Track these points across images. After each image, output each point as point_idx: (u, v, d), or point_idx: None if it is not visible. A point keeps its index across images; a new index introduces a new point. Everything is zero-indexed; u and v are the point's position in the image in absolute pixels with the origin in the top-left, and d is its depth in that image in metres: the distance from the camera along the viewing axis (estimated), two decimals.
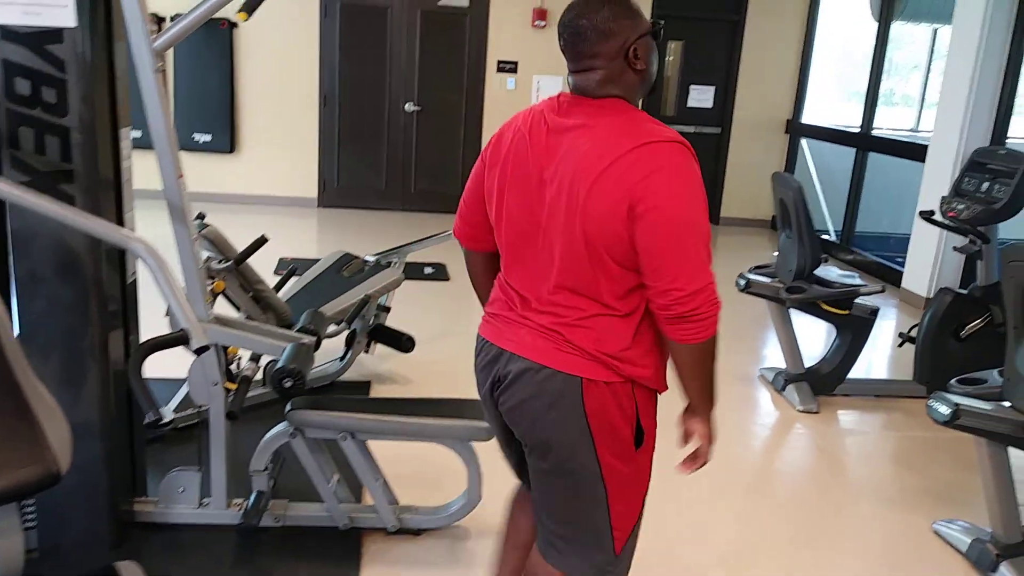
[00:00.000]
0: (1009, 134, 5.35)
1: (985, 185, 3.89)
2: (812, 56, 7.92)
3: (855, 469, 3.54)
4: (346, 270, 3.71)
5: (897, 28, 8.24)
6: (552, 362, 1.61)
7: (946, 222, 3.95)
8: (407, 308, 4.82)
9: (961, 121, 5.31)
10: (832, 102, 9.46)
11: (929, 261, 5.60)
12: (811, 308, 3.83)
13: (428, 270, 5.82)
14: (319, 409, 2.61)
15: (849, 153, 7.00)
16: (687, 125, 8.06)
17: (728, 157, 8.10)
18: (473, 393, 1.92)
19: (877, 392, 4.19)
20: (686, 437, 1.74)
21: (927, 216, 4.06)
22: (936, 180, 5.42)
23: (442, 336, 4.61)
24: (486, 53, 7.59)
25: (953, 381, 2.73)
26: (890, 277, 6.23)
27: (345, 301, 3.53)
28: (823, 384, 3.99)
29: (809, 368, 3.99)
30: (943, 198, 4.00)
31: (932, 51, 8.65)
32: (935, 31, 8.39)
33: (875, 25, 6.82)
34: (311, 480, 2.62)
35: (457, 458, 2.63)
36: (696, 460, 1.71)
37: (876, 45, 6.72)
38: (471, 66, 7.62)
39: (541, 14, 7.47)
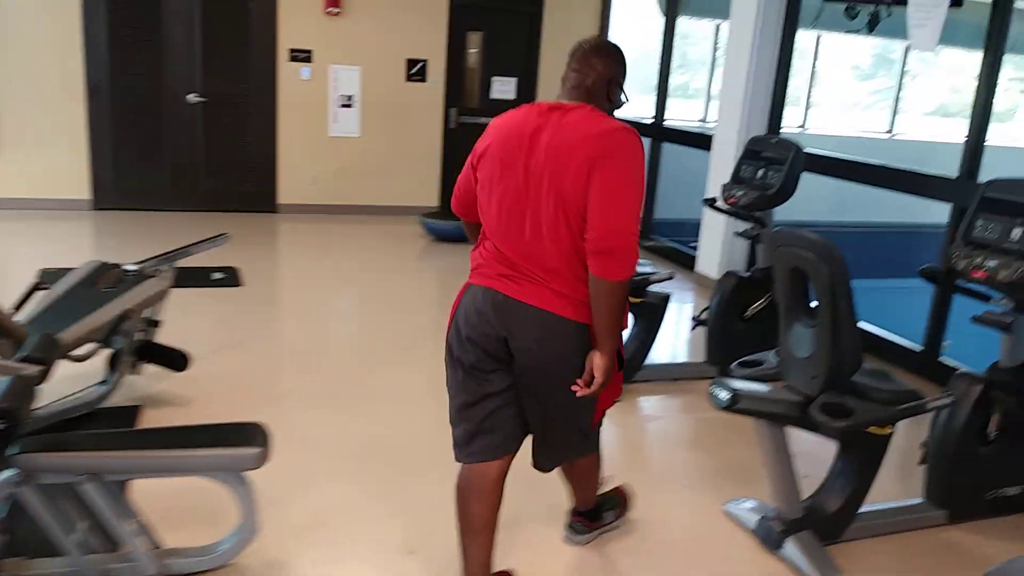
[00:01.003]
0: (785, 124, 5.70)
1: (760, 172, 4.07)
2: None
3: (653, 454, 3.58)
4: (102, 282, 3.26)
5: (684, 23, 8.65)
6: (557, 308, 2.05)
7: (727, 208, 4.10)
8: (190, 319, 4.39)
9: (740, 111, 5.59)
10: (631, 95, 9.82)
11: (718, 246, 5.87)
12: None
13: (216, 275, 5.36)
14: (55, 450, 2.23)
15: (645, 144, 7.21)
16: (490, 116, 7.97)
17: None
18: (263, 408, 1.67)
19: (675, 376, 4.29)
20: (588, 370, 2.08)
21: (710, 203, 4.19)
22: (721, 168, 5.68)
23: (228, 348, 4.23)
24: (276, 41, 7.13)
25: (734, 364, 2.83)
26: (686, 262, 6.50)
27: (99, 318, 3.10)
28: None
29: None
30: (723, 185, 4.15)
31: (716, 45, 9.16)
32: (717, 26, 8.89)
33: (663, 20, 7.07)
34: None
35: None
36: (590, 388, 2.08)
37: (664, 39, 6.97)
38: (260, 55, 7.14)
39: (334, 1, 7.12)
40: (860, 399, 2.48)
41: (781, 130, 5.66)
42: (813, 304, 2.55)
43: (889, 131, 10.44)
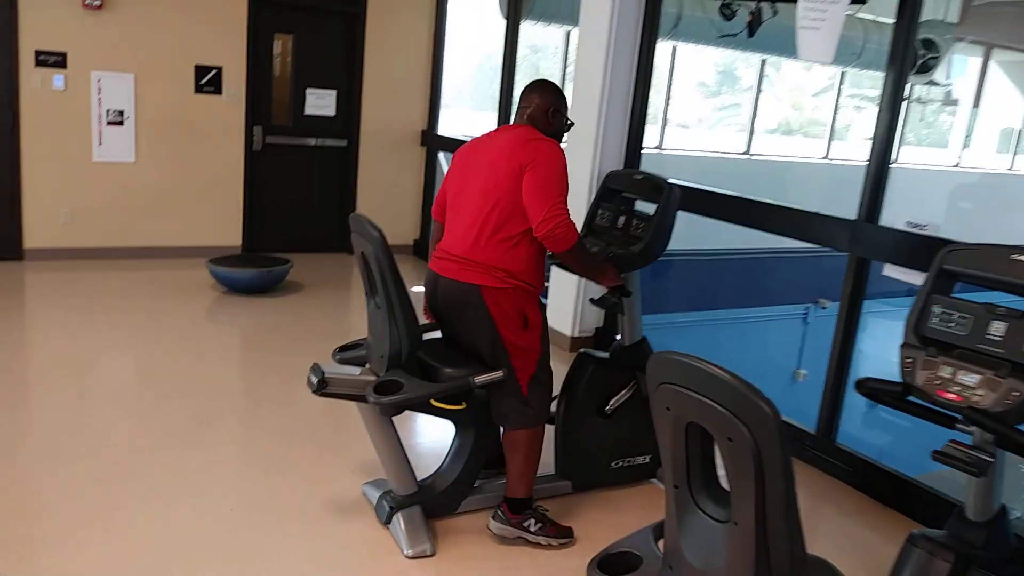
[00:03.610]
0: (645, 143, 4.78)
1: (621, 220, 3.05)
2: (444, 58, 7.03)
3: None
4: None
5: (530, 28, 7.69)
6: (465, 278, 2.63)
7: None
8: None
9: (594, 134, 4.61)
10: (473, 110, 8.79)
11: (570, 300, 4.86)
12: (420, 407, 2.69)
13: None
14: None
15: None
16: (306, 137, 6.71)
17: (359, 173, 6.91)
18: None
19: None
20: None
21: (557, 262, 3.12)
22: (576, 209, 4.68)
23: None
24: (17, 42, 5.55)
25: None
26: None
27: None
28: (440, 505, 2.87)
29: (423, 485, 2.85)
30: None
31: (567, 54, 8.26)
32: (568, 33, 7.99)
33: (505, 24, 6.06)
34: None
35: None
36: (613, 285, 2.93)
37: (506, 46, 5.96)
38: None
39: None
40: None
41: (642, 151, 4.74)
42: None
43: (746, 151, 9.95)
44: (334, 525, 2.82)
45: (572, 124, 2.86)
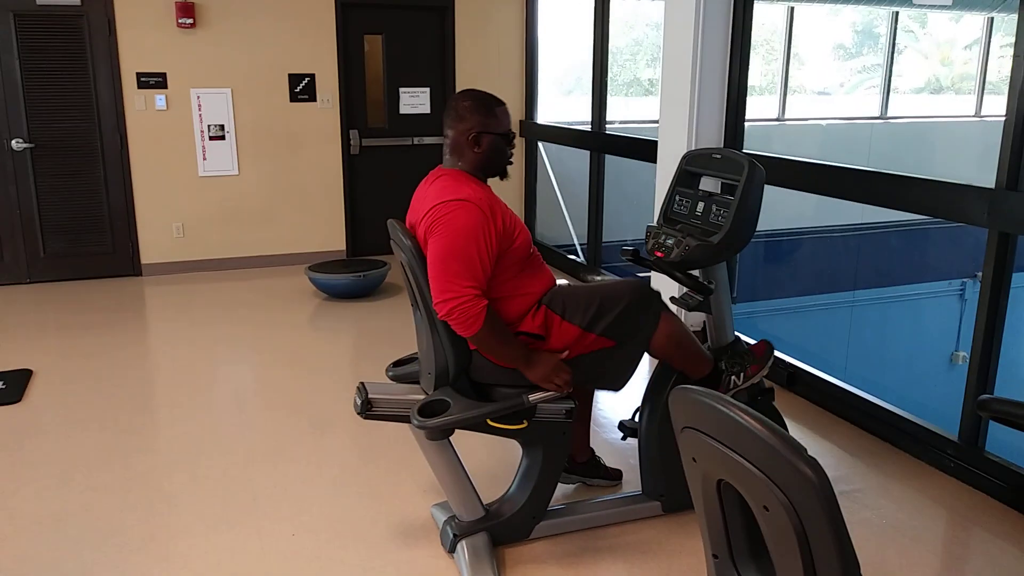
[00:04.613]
0: (759, 114, 4.30)
1: (700, 206, 2.67)
2: (538, 43, 6.75)
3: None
4: None
5: (623, 3, 7.27)
6: None
7: (654, 263, 2.70)
8: None
9: (687, 113, 4.20)
10: (574, 96, 8.45)
11: (670, 289, 4.48)
12: (476, 427, 2.44)
13: None
14: None
15: (583, 157, 5.85)
16: (402, 137, 6.62)
17: None
18: None
19: (593, 522, 2.87)
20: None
21: (632, 256, 2.79)
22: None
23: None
24: (119, 65, 5.76)
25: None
26: None
27: None
28: (508, 531, 2.62)
29: (489, 510, 2.61)
30: (649, 228, 2.75)
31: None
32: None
33: (593, 2, 5.70)
34: None
35: None
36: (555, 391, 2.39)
37: (596, 24, 5.59)
38: (101, 84, 5.76)
39: (186, 9, 5.75)
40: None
41: (745, 128, 4.27)
42: None
43: (880, 115, 9.05)
44: (396, 552, 2.63)
45: (514, 135, 2.42)
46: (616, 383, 2.56)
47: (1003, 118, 2.82)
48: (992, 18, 8.90)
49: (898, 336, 7.94)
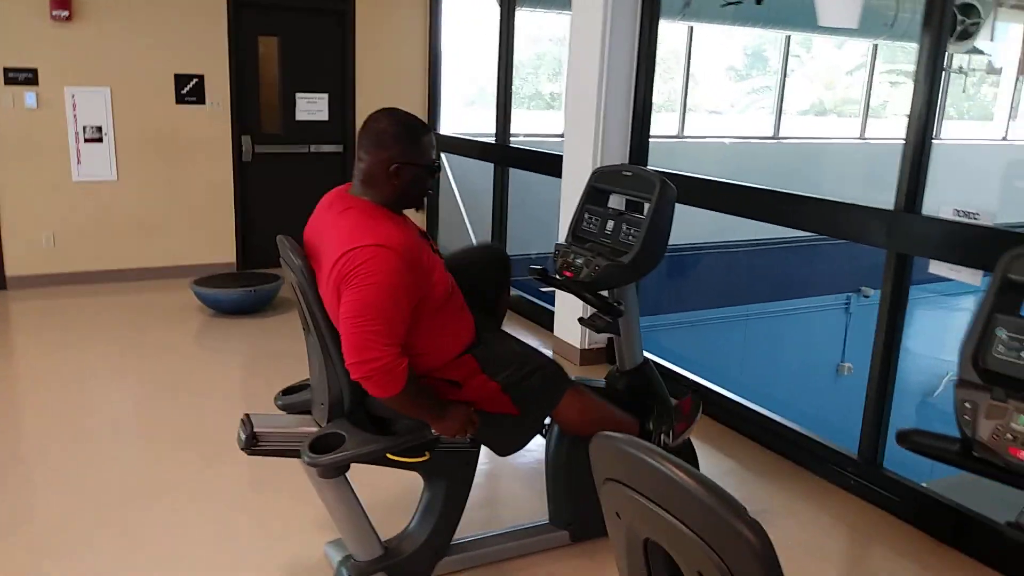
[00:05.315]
0: (660, 131, 4.29)
1: (610, 225, 2.59)
2: (441, 52, 6.60)
3: None
4: None
5: (527, 16, 7.23)
6: None
7: (562, 283, 2.60)
8: None
9: (593, 128, 4.14)
10: (476, 107, 8.37)
11: (577, 310, 4.41)
12: (380, 461, 2.26)
13: None
14: None
15: (486, 170, 5.74)
16: (298, 144, 6.34)
17: None
18: None
19: (497, 555, 2.71)
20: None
21: (540, 275, 2.68)
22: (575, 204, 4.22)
23: None
24: None
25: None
26: (545, 320, 5.02)
27: None
28: (409, 570, 2.44)
29: (388, 548, 2.42)
30: (556, 247, 2.66)
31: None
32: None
33: (499, 13, 5.60)
34: None
35: None
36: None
37: (501, 36, 5.51)
38: None
39: (62, 2, 5.31)
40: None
41: (648, 143, 4.25)
42: None
43: (774, 135, 9.36)
44: None
45: (439, 167, 2.16)
46: (505, 449, 2.44)
47: (885, 141, 2.87)
48: (876, 45, 9.35)
49: (789, 348, 8.19)
